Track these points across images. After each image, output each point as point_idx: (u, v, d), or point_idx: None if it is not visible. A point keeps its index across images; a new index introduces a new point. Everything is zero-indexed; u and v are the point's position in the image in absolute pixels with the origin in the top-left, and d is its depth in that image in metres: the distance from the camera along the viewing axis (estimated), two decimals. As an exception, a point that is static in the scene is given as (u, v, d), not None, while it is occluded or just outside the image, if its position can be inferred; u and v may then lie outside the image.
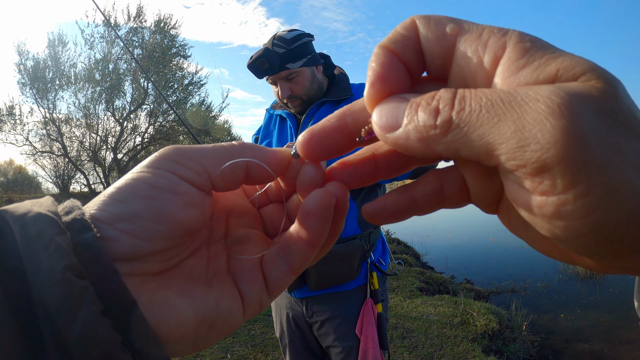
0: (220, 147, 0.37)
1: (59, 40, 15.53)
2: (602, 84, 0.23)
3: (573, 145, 0.21)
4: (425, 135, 0.26)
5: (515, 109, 0.22)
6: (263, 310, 2.22)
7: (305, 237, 0.36)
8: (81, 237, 0.29)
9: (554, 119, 0.21)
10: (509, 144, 0.22)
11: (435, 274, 8.09)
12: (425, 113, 0.26)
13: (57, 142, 16.19)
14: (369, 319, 1.91)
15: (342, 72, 2.19)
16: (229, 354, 4.37)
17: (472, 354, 4.40)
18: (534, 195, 0.23)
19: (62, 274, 0.27)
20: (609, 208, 0.21)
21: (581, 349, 5.32)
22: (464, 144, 0.24)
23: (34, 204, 0.31)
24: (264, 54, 1.86)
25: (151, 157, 0.35)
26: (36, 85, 15.19)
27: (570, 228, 0.22)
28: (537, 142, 0.21)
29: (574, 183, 0.21)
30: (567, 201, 0.22)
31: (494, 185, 0.30)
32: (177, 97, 16.99)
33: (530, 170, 0.22)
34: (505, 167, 0.23)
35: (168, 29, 16.50)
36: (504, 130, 0.22)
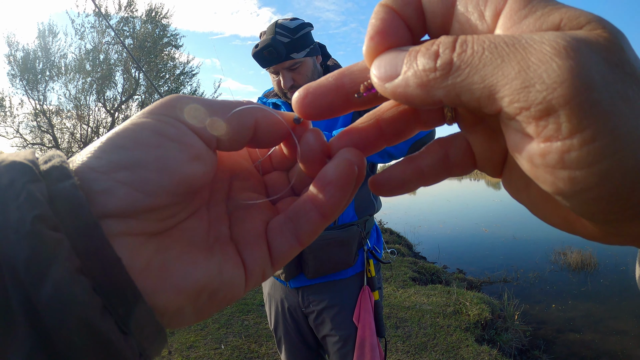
0: (228, 101, 0.34)
1: (49, 30, 15.35)
2: (608, 34, 0.22)
3: (580, 87, 0.19)
4: (425, 80, 0.25)
5: (520, 51, 0.21)
6: (259, 302, 2.22)
7: (321, 208, 0.34)
8: (58, 186, 0.26)
9: (561, 59, 0.20)
10: (512, 85, 0.21)
11: (427, 264, 8.13)
12: (425, 57, 0.25)
13: (48, 134, 16.05)
14: (366, 307, 1.91)
15: (336, 63, 2.19)
16: (222, 344, 4.37)
17: (465, 343, 4.43)
18: (537, 142, 0.22)
19: (31, 225, 0.23)
20: (616, 157, 0.20)
21: (572, 338, 5.38)
22: (465, 87, 0.23)
23: (11, 155, 0.28)
24: (271, 43, 1.83)
25: (155, 104, 0.31)
26: (26, 76, 15.01)
27: (574, 180, 0.21)
28: (543, 82, 0.20)
29: (581, 127, 0.20)
30: (572, 147, 0.20)
31: (499, 145, 0.30)
32: (169, 88, 16.88)
33: (534, 112, 0.21)
34: (508, 111, 0.22)
35: (159, 18, 16.35)
36: (508, 71, 0.21)
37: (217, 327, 4.77)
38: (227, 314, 5.12)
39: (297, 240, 0.36)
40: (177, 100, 0.31)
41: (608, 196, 0.21)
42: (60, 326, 0.23)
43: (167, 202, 0.29)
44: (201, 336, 4.56)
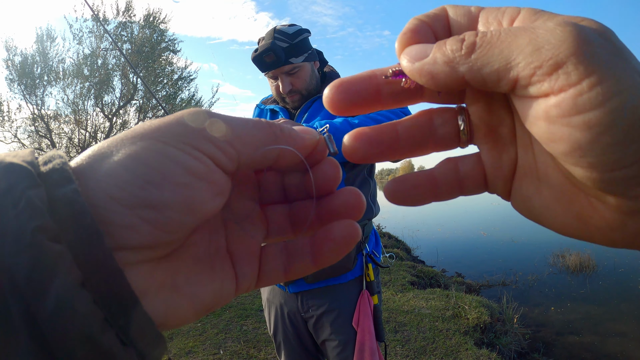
0: (256, 128, 0.33)
1: (47, 35, 15.35)
2: (601, 25, 0.26)
3: (581, 42, 0.23)
4: (452, 57, 0.28)
5: (529, 30, 0.25)
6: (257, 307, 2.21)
7: (316, 257, 0.37)
8: (59, 191, 0.25)
9: (562, 27, 0.24)
10: (525, 51, 0.25)
11: (426, 268, 8.13)
12: (452, 41, 0.29)
13: (46, 139, 16.02)
14: (365, 311, 1.90)
15: (333, 70, 2.21)
16: (221, 349, 4.36)
17: (465, 347, 4.43)
18: (552, 97, 0.25)
19: (32, 237, 0.23)
20: (623, 95, 0.23)
21: (572, 341, 5.38)
22: (485, 61, 0.27)
23: (9, 155, 0.27)
24: (271, 47, 1.84)
25: (180, 123, 0.30)
26: (24, 81, 14.99)
27: (589, 123, 0.23)
28: (550, 43, 0.24)
29: (587, 72, 0.23)
30: (582, 90, 0.23)
31: (509, 157, 0.33)
32: (167, 92, 16.89)
33: (546, 69, 0.24)
34: (524, 75, 0.25)
35: (157, 23, 16.36)
36: (520, 42, 0.25)
37: (215, 333, 4.76)
38: (225, 319, 5.11)
39: (284, 272, 0.38)
40: (206, 123, 0.30)
41: (623, 137, 0.23)
42: (62, 339, 0.23)
43: (186, 234, 0.30)
44: (200, 341, 4.55)
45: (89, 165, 0.28)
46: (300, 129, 0.36)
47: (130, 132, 0.29)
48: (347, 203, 0.37)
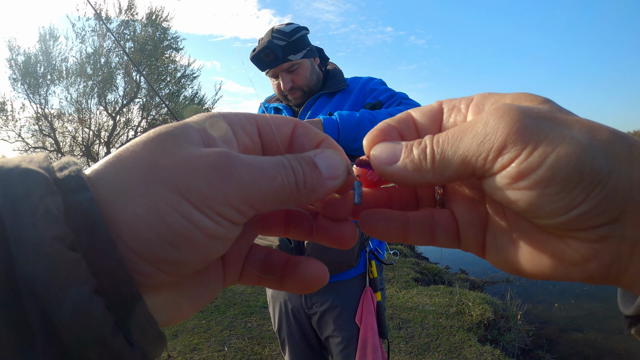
0: (281, 187, 0.32)
1: (50, 34, 15.35)
2: (535, 98, 0.33)
3: (511, 123, 0.29)
4: (419, 165, 0.34)
5: (470, 129, 0.31)
6: (262, 304, 2.22)
7: (281, 284, 0.41)
8: (75, 199, 0.26)
9: (494, 116, 0.30)
10: (473, 148, 0.30)
11: (430, 265, 8.12)
12: (417, 150, 0.34)
13: (50, 138, 16.05)
14: (368, 308, 1.91)
15: (336, 67, 2.22)
16: (226, 346, 4.38)
17: (468, 343, 4.43)
18: (502, 171, 0.30)
19: (50, 246, 0.23)
20: (556, 151, 0.27)
21: (575, 338, 5.37)
22: (446, 165, 0.32)
23: (24, 159, 0.28)
24: (267, 46, 1.87)
25: (208, 181, 0.29)
26: (28, 80, 15.01)
27: (534, 184, 0.28)
28: (488, 135, 0.30)
29: (523, 146, 0.28)
30: (521, 160, 0.28)
31: (479, 212, 0.38)
32: (170, 90, 16.89)
33: (492, 155, 0.30)
34: (478, 167, 0.31)
35: (160, 21, 16.35)
36: (466, 141, 0.31)
37: (220, 330, 4.77)
38: (230, 317, 5.13)
39: (258, 280, 0.42)
40: (230, 179, 0.30)
41: (565, 184, 0.27)
42: (78, 343, 0.24)
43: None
44: (204, 338, 4.56)
45: (107, 190, 0.28)
46: (327, 167, 0.35)
47: (153, 159, 0.29)
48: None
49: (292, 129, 0.39)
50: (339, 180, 0.36)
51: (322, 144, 0.39)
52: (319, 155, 0.35)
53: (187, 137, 0.31)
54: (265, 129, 0.38)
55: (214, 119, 0.34)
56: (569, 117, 0.29)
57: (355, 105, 2.00)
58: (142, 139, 0.30)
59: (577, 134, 0.27)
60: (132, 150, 0.30)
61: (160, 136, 0.31)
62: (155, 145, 0.30)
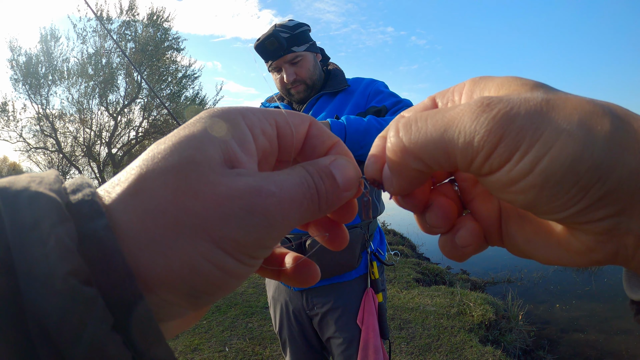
0: (303, 209, 0.31)
1: (52, 35, 15.38)
2: (530, 85, 0.29)
3: (502, 123, 0.26)
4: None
5: (457, 124, 0.28)
6: (263, 304, 2.20)
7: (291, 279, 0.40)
8: (89, 227, 0.24)
9: (483, 115, 0.27)
10: (459, 148, 0.28)
11: (431, 265, 8.12)
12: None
13: (51, 138, 16.08)
14: (369, 309, 1.91)
15: (337, 67, 2.21)
16: (227, 347, 4.38)
17: (469, 344, 4.42)
18: (495, 176, 0.27)
19: (63, 282, 0.21)
20: (549, 154, 0.25)
21: (577, 338, 5.36)
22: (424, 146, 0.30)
23: (33, 179, 0.26)
24: (273, 34, 1.87)
25: (240, 226, 0.27)
26: (29, 81, 15.04)
27: (526, 189, 0.26)
28: (477, 134, 0.26)
29: (513, 150, 0.26)
30: (512, 166, 0.26)
31: (493, 204, 0.36)
32: (171, 91, 16.91)
33: (481, 159, 0.27)
34: (463, 167, 0.29)
35: (161, 22, 16.38)
36: (454, 139, 0.28)
37: (221, 330, 4.77)
38: (231, 317, 5.13)
39: (277, 274, 0.41)
40: (259, 218, 0.28)
41: (560, 186, 0.25)
42: None
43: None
44: (205, 339, 4.56)
45: (133, 233, 0.26)
46: (343, 178, 0.34)
47: (179, 201, 0.27)
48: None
49: (307, 128, 0.38)
50: (352, 192, 0.35)
51: (334, 148, 0.38)
52: (335, 165, 0.34)
53: (210, 163, 0.28)
54: (283, 130, 0.36)
55: (233, 121, 0.32)
56: (566, 102, 0.26)
57: (358, 106, 1.99)
58: (158, 165, 0.28)
59: (574, 128, 0.24)
60: (151, 186, 0.27)
61: (181, 168, 0.27)
62: (178, 182, 0.27)
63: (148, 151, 0.29)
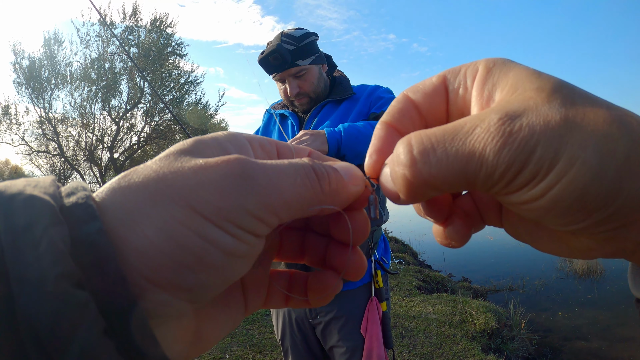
0: (304, 187, 0.30)
1: (55, 39, 15.47)
2: (553, 89, 0.27)
3: (521, 150, 0.25)
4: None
5: (473, 149, 0.27)
6: (263, 311, 2.19)
7: (307, 301, 0.39)
8: (82, 230, 0.23)
9: (501, 139, 0.25)
10: (480, 177, 0.27)
11: (433, 273, 8.11)
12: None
13: (53, 142, 16.15)
14: (373, 318, 1.90)
15: (343, 75, 2.21)
16: (227, 354, 4.36)
17: (472, 352, 4.41)
18: (508, 197, 0.27)
19: (54, 285, 0.21)
20: (560, 183, 0.24)
21: (579, 346, 5.35)
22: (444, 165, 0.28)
23: (29, 184, 0.25)
24: (276, 49, 1.86)
25: (221, 190, 0.26)
26: (32, 84, 15.12)
27: (538, 208, 0.26)
28: (495, 165, 0.26)
29: (533, 176, 0.25)
30: (528, 190, 0.26)
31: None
32: (174, 96, 16.97)
33: (501, 186, 0.27)
34: (478, 186, 0.28)
35: (164, 27, 16.47)
36: (472, 167, 0.27)
37: (222, 336, 4.76)
38: (232, 323, 5.11)
39: (285, 301, 0.40)
40: (248, 188, 0.27)
41: (565, 210, 0.25)
42: None
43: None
44: (206, 345, 4.55)
45: (116, 215, 0.25)
46: (347, 174, 0.34)
47: (160, 175, 0.27)
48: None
49: (307, 156, 0.37)
50: (360, 187, 0.34)
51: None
52: (337, 165, 0.34)
53: (198, 150, 0.29)
54: (283, 150, 0.35)
55: (231, 133, 0.32)
56: (584, 120, 0.25)
57: (361, 113, 1.98)
58: (153, 159, 0.28)
59: (589, 156, 0.24)
60: (140, 169, 0.27)
61: (169, 152, 0.28)
62: (163, 161, 0.27)
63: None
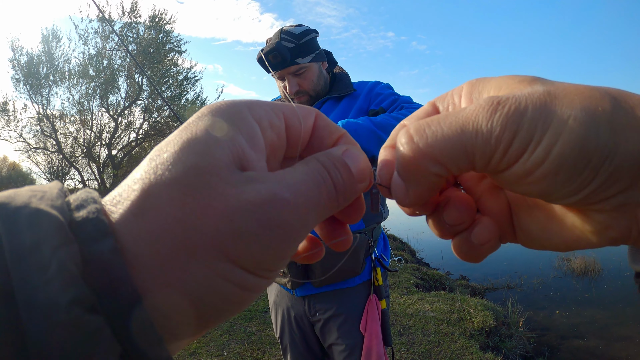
0: (323, 212, 0.29)
1: (53, 35, 15.41)
2: (530, 81, 0.30)
3: (511, 123, 0.27)
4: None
5: (466, 132, 0.29)
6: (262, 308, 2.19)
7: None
8: (94, 248, 0.22)
9: (491, 115, 0.27)
10: (476, 150, 0.28)
11: (431, 271, 8.13)
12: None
13: (51, 139, 16.08)
14: (373, 316, 1.89)
15: (343, 71, 2.19)
16: (225, 351, 4.36)
17: (470, 350, 4.41)
18: (512, 169, 0.28)
19: (67, 312, 0.19)
20: (560, 140, 0.26)
21: (577, 345, 5.36)
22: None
23: (34, 194, 0.23)
24: (275, 48, 1.84)
25: (245, 240, 0.25)
26: (30, 81, 15.06)
27: (545, 174, 0.27)
28: (490, 135, 0.27)
29: (525, 144, 0.27)
30: (529, 155, 0.27)
31: (502, 198, 0.36)
32: (172, 93, 16.92)
33: (497, 157, 0.28)
34: (480, 166, 0.29)
35: (163, 24, 16.42)
36: (466, 136, 0.28)
37: (219, 334, 4.76)
38: (229, 321, 5.10)
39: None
40: (271, 233, 0.26)
41: (573, 171, 0.26)
42: None
43: None
44: (203, 343, 4.54)
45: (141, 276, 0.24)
46: (357, 170, 0.32)
47: (184, 218, 0.24)
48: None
49: (314, 120, 0.36)
50: (366, 184, 0.33)
51: (341, 140, 0.36)
52: (347, 155, 0.32)
53: (217, 170, 0.26)
54: (291, 122, 0.34)
55: (239, 115, 0.29)
56: (566, 91, 0.27)
57: (361, 110, 1.97)
58: (162, 178, 0.25)
59: (578, 113, 0.26)
60: (156, 205, 0.24)
61: (186, 180, 0.25)
62: (184, 197, 0.24)
63: (149, 160, 0.26)
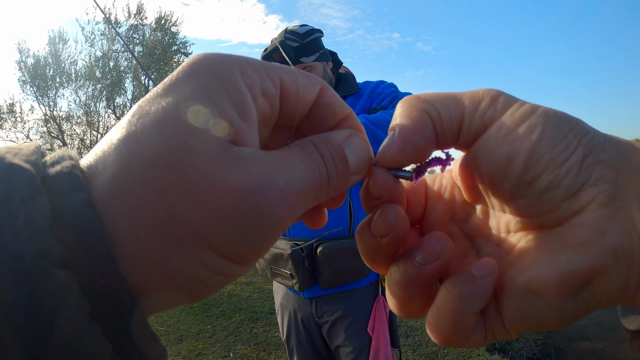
0: (312, 199, 0.28)
1: (60, 37, 15.48)
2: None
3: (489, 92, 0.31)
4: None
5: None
6: (268, 310, 2.20)
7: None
8: (66, 201, 0.21)
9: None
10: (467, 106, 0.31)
11: (437, 272, 8.09)
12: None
13: (58, 140, 16.16)
14: (380, 317, 1.89)
15: (349, 71, 2.20)
16: (231, 352, 4.36)
17: (476, 352, 4.40)
18: (499, 121, 0.29)
19: (32, 265, 0.19)
20: (540, 109, 0.28)
21: (584, 347, 5.32)
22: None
23: (10, 151, 0.23)
24: (280, 46, 1.84)
25: (244, 236, 0.24)
26: (37, 82, 15.14)
27: (530, 126, 0.28)
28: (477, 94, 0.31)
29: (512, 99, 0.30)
30: (517, 107, 0.29)
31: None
32: (178, 95, 16.96)
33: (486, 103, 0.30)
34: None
35: (169, 26, 16.49)
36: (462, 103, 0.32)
37: (225, 335, 4.76)
38: (235, 322, 5.11)
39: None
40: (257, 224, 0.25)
41: (556, 128, 0.27)
42: None
43: None
44: (209, 344, 4.54)
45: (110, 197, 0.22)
46: (354, 159, 0.31)
47: (168, 202, 0.23)
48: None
49: (318, 93, 0.32)
50: (360, 176, 0.32)
51: (345, 121, 0.33)
52: (348, 143, 0.31)
53: (206, 149, 0.23)
54: (288, 92, 0.30)
55: (230, 79, 0.26)
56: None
57: (364, 109, 1.98)
58: (145, 152, 0.23)
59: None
60: (139, 183, 0.22)
61: (172, 159, 0.23)
62: (169, 178, 0.23)
63: (131, 123, 0.25)
